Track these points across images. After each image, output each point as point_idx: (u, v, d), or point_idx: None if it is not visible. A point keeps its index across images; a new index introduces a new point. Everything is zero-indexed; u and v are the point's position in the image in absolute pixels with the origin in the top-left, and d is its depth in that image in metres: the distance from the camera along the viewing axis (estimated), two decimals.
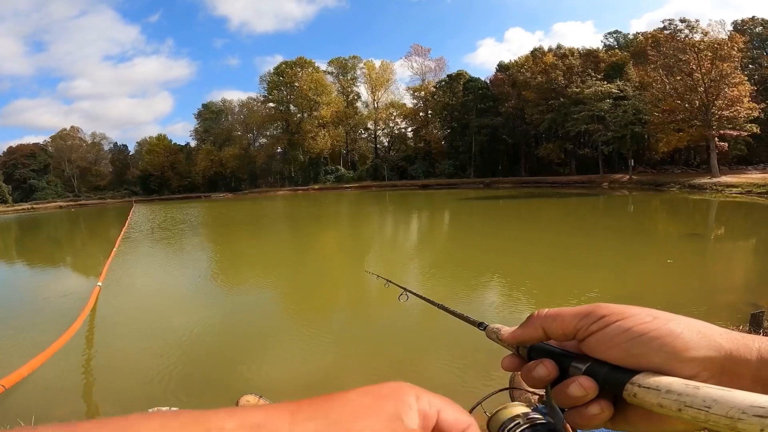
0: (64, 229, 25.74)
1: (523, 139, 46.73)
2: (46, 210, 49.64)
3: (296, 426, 0.24)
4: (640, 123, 33.49)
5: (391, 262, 9.30)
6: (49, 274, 10.87)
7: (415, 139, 57.04)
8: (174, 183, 63.93)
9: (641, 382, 0.32)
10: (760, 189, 20.73)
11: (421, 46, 58.22)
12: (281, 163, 60.95)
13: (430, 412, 0.28)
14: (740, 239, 10.67)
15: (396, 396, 0.28)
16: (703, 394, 0.28)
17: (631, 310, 0.35)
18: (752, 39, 35.46)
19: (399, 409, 0.27)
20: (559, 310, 0.39)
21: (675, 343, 0.33)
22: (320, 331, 5.09)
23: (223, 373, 3.95)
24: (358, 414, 0.25)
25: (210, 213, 28.59)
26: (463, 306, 4.87)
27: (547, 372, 0.38)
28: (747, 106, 26.60)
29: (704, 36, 28.42)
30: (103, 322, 5.52)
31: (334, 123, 56.89)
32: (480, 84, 48.99)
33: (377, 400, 0.27)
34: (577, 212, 18.49)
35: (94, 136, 70.50)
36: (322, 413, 0.25)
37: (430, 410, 0.28)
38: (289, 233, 16.46)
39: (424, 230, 16.10)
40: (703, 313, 4.49)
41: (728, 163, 32.94)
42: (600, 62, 40.76)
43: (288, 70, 56.11)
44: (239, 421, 0.24)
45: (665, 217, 16.28)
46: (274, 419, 0.24)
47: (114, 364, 4.27)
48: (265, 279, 8.29)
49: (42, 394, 3.59)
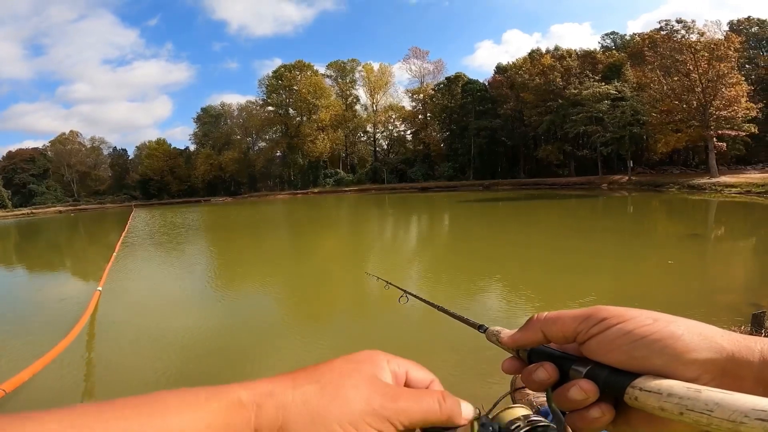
0: (64, 234, 25.72)
1: (522, 140, 46.81)
2: (46, 215, 49.60)
3: (298, 390, 0.30)
4: (639, 124, 33.55)
5: (391, 265, 9.30)
6: (50, 279, 10.86)
7: (414, 141, 57.11)
8: (173, 187, 63.93)
9: (642, 386, 0.32)
10: (759, 189, 20.77)
11: (420, 48, 58.49)
12: (281, 166, 61.02)
13: (399, 371, 0.35)
14: (740, 239, 10.68)
15: (371, 360, 0.34)
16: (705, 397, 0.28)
17: (632, 313, 0.35)
18: (748, 39, 35.59)
19: (375, 370, 0.34)
20: (559, 313, 0.39)
21: (676, 345, 0.33)
22: (320, 333, 5.09)
23: (224, 378, 3.94)
24: (344, 375, 0.32)
25: (210, 217, 28.59)
26: (463, 308, 4.88)
27: (547, 375, 0.38)
28: (744, 106, 26.69)
29: (701, 36, 28.53)
30: (104, 327, 5.52)
31: (333, 126, 56.97)
32: (478, 86, 49.11)
33: (357, 364, 0.33)
34: (576, 214, 18.50)
35: (94, 141, 70.56)
36: (316, 377, 0.32)
37: (399, 370, 0.35)
38: (289, 236, 16.46)
39: (423, 233, 16.11)
40: (703, 314, 4.49)
41: (727, 163, 32.99)
42: (597, 63, 40.90)
43: (287, 73, 56.26)
44: (253, 390, 0.30)
45: (665, 217, 16.30)
46: (280, 386, 0.31)
47: (114, 368, 4.26)
48: (264, 282, 8.28)
49: (43, 398, 3.58)
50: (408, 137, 59.16)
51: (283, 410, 0.29)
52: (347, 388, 0.31)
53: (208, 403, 0.28)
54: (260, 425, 0.29)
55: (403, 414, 0.31)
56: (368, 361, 0.34)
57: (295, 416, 0.29)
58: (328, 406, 0.30)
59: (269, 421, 0.29)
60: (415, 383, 0.36)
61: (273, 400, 0.30)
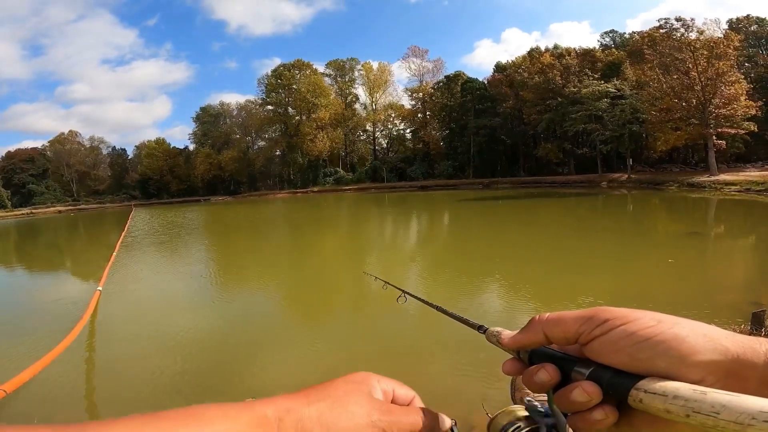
0: (64, 234, 25.72)
1: (521, 139, 46.78)
2: (45, 215, 49.56)
3: (312, 406, 0.35)
4: (638, 122, 33.52)
5: (390, 265, 9.30)
6: (50, 279, 10.86)
7: (413, 140, 57.10)
8: (173, 186, 63.89)
9: (647, 388, 0.32)
10: (759, 187, 20.76)
11: (419, 47, 58.34)
12: (280, 165, 60.95)
13: (387, 389, 0.41)
14: (740, 237, 10.69)
15: (365, 381, 0.40)
16: (712, 399, 0.28)
17: (635, 314, 0.35)
18: (747, 37, 35.54)
19: (369, 389, 0.39)
20: (560, 313, 0.39)
21: (680, 347, 0.32)
22: (318, 334, 5.10)
23: (223, 378, 3.95)
24: (348, 393, 0.38)
25: (209, 216, 28.58)
26: (462, 309, 4.88)
27: (548, 377, 0.38)
28: (744, 104, 26.66)
29: (700, 35, 28.50)
30: (104, 327, 5.53)
31: (333, 125, 56.93)
32: (478, 85, 49.08)
33: (355, 384, 0.39)
34: (576, 212, 18.50)
35: (93, 140, 70.48)
36: (325, 395, 0.37)
37: (388, 388, 0.41)
38: (289, 236, 16.47)
39: (422, 232, 16.10)
40: (704, 313, 4.50)
41: (726, 161, 33.01)
42: (597, 62, 40.89)
43: (286, 72, 56.16)
44: (275, 406, 0.35)
45: (664, 216, 16.29)
46: (296, 403, 0.36)
47: (115, 368, 4.26)
48: (264, 282, 8.29)
49: (43, 398, 3.58)
50: (407, 136, 59.16)
51: (300, 424, 0.34)
52: (351, 404, 0.36)
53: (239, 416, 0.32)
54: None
55: (395, 426, 0.37)
56: (364, 382, 0.40)
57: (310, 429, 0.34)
58: (337, 420, 0.35)
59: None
60: (401, 399, 0.42)
61: (292, 415, 0.34)
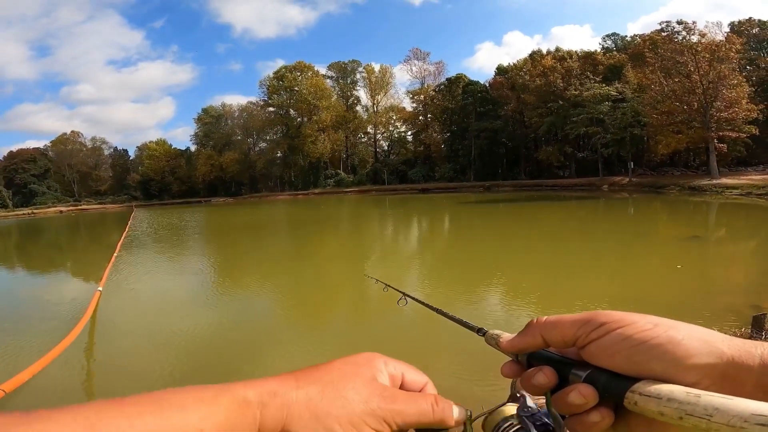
0: (65, 234, 25.75)
1: (522, 142, 46.82)
2: (47, 215, 49.65)
3: (301, 390, 0.32)
4: (639, 125, 33.54)
5: (391, 267, 9.29)
6: (50, 279, 10.86)
7: (414, 143, 57.16)
8: (174, 188, 64.02)
9: (642, 390, 0.32)
10: (760, 190, 20.73)
11: (421, 50, 58.64)
12: (281, 167, 61.03)
13: (396, 374, 0.37)
14: (741, 241, 10.65)
15: (370, 363, 0.37)
16: (705, 402, 0.28)
17: (632, 317, 0.35)
18: (749, 40, 35.55)
19: (373, 372, 0.36)
20: (558, 317, 0.39)
21: (676, 350, 0.33)
22: (319, 335, 5.09)
23: (224, 379, 3.92)
24: (345, 377, 0.34)
25: (210, 218, 28.62)
26: (462, 311, 4.88)
27: (546, 379, 0.38)
28: (745, 108, 26.66)
29: (701, 38, 28.53)
30: (104, 327, 5.52)
31: (334, 127, 57.05)
32: (479, 87, 49.15)
33: (356, 366, 0.36)
34: (577, 215, 18.48)
35: (95, 141, 70.72)
36: (317, 378, 0.33)
37: (396, 372, 0.38)
38: (289, 238, 16.47)
39: (423, 235, 16.10)
40: (704, 317, 4.48)
41: (728, 164, 32.97)
42: (598, 65, 40.94)
43: (288, 74, 56.35)
44: (258, 389, 0.32)
45: (665, 219, 16.26)
46: (283, 386, 0.32)
47: (114, 368, 4.26)
48: (264, 283, 8.28)
49: (42, 398, 3.58)
50: (409, 138, 59.22)
51: (286, 409, 0.31)
52: (347, 389, 0.33)
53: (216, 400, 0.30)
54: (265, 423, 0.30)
55: (398, 415, 0.33)
56: (367, 364, 0.36)
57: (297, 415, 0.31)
58: (329, 406, 0.31)
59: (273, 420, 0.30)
60: (411, 385, 0.38)
61: (277, 399, 0.31)
